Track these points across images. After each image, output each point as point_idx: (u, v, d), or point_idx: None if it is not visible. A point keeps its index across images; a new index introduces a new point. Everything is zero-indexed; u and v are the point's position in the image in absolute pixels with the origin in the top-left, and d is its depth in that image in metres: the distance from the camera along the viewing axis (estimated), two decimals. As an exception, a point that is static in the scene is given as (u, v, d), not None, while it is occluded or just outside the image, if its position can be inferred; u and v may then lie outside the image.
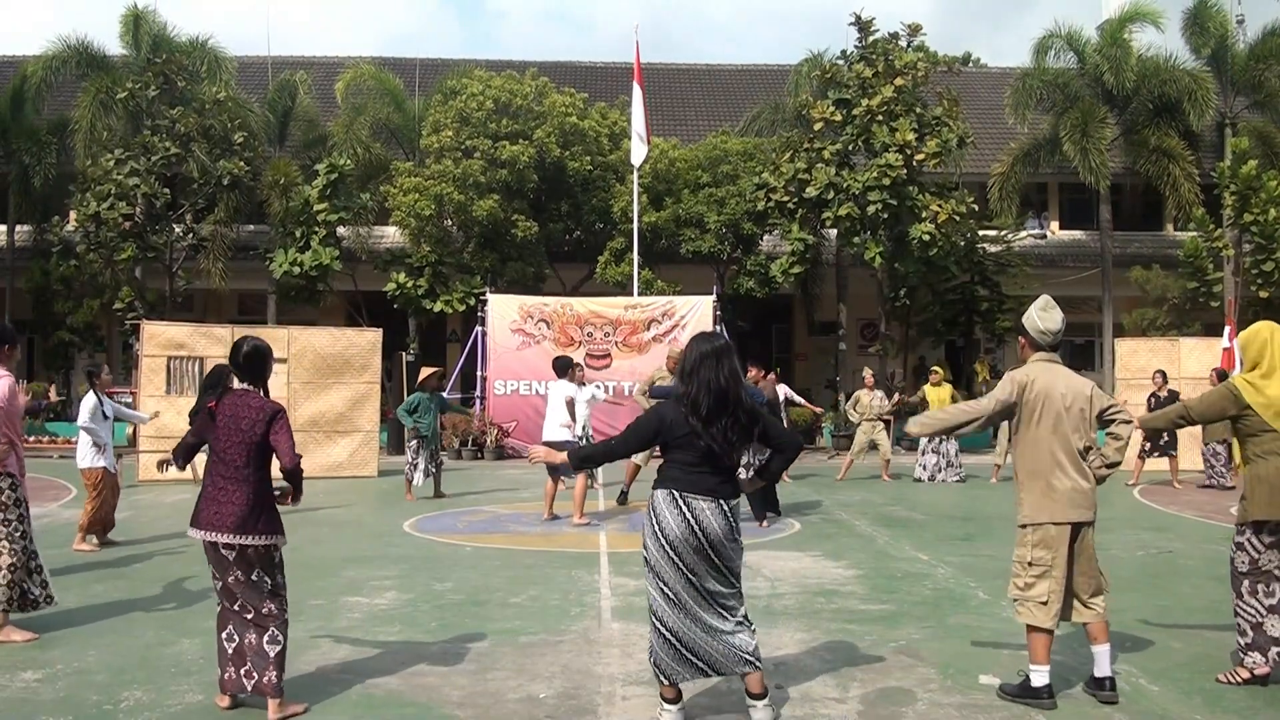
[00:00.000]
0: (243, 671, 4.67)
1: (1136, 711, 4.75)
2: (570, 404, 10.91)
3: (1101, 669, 4.88)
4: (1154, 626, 6.34)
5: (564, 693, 5.00)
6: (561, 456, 5.33)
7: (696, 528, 4.40)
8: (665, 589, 4.45)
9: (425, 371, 13.64)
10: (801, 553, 9.00)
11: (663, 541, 4.43)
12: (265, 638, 4.68)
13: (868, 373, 16.73)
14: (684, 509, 4.41)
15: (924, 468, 15.52)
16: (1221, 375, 14.88)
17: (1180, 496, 13.54)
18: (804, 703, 4.85)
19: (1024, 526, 4.89)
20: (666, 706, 4.52)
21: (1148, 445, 15.03)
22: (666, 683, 4.48)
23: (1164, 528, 10.85)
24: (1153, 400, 15.05)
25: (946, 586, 7.61)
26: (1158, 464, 15.25)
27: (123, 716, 4.65)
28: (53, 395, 10.09)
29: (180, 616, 6.56)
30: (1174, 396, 15.03)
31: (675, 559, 4.41)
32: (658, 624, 4.46)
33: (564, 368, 11.22)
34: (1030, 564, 4.85)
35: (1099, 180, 22.98)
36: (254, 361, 4.87)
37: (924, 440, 15.59)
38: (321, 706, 4.81)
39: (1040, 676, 4.79)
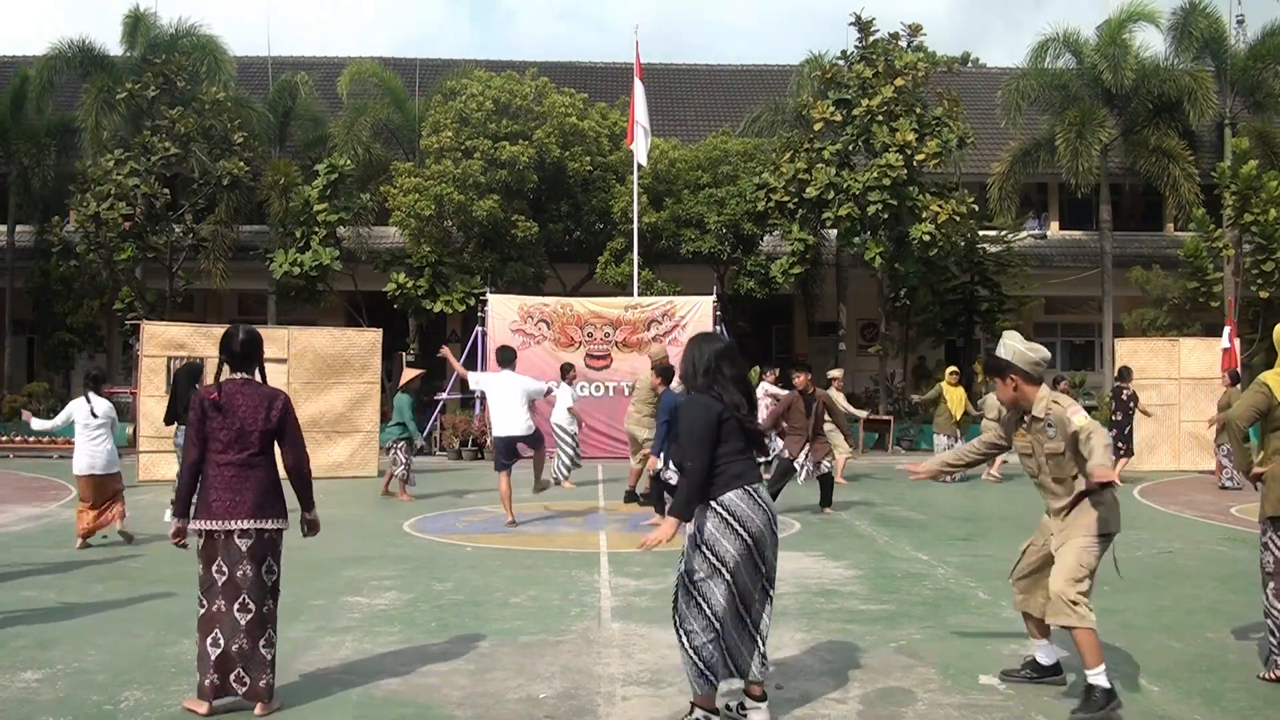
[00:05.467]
0: (232, 677, 4.62)
1: (1137, 711, 4.75)
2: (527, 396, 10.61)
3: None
4: (1154, 626, 6.35)
5: (564, 693, 5.00)
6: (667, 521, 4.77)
7: (771, 516, 4.47)
8: (737, 590, 4.37)
9: (409, 374, 13.65)
10: (801, 553, 8.99)
11: (749, 542, 4.38)
12: (262, 641, 4.65)
13: (837, 374, 16.51)
14: (760, 502, 4.44)
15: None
16: (1234, 377, 14.94)
17: (1180, 496, 13.54)
18: (804, 703, 4.85)
19: (1106, 535, 4.90)
20: (712, 715, 4.41)
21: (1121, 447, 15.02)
22: (716, 683, 4.37)
23: (1164, 528, 10.85)
24: (1113, 403, 15.13)
25: (946, 586, 7.61)
26: (1153, 465, 15.26)
27: (123, 716, 4.65)
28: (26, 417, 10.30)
29: (180, 616, 6.55)
30: (1134, 398, 15.03)
31: (759, 557, 4.43)
32: (716, 624, 4.32)
33: (508, 360, 10.74)
34: (1093, 571, 4.81)
35: (1082, 185, 23.02)
36: (249, 349, 4.89)
37: (944, 440, 15.70)
38: (321, 706, 4.81)
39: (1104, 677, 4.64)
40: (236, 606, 4.65)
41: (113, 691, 4.96)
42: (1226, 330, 17.51)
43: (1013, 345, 4.91)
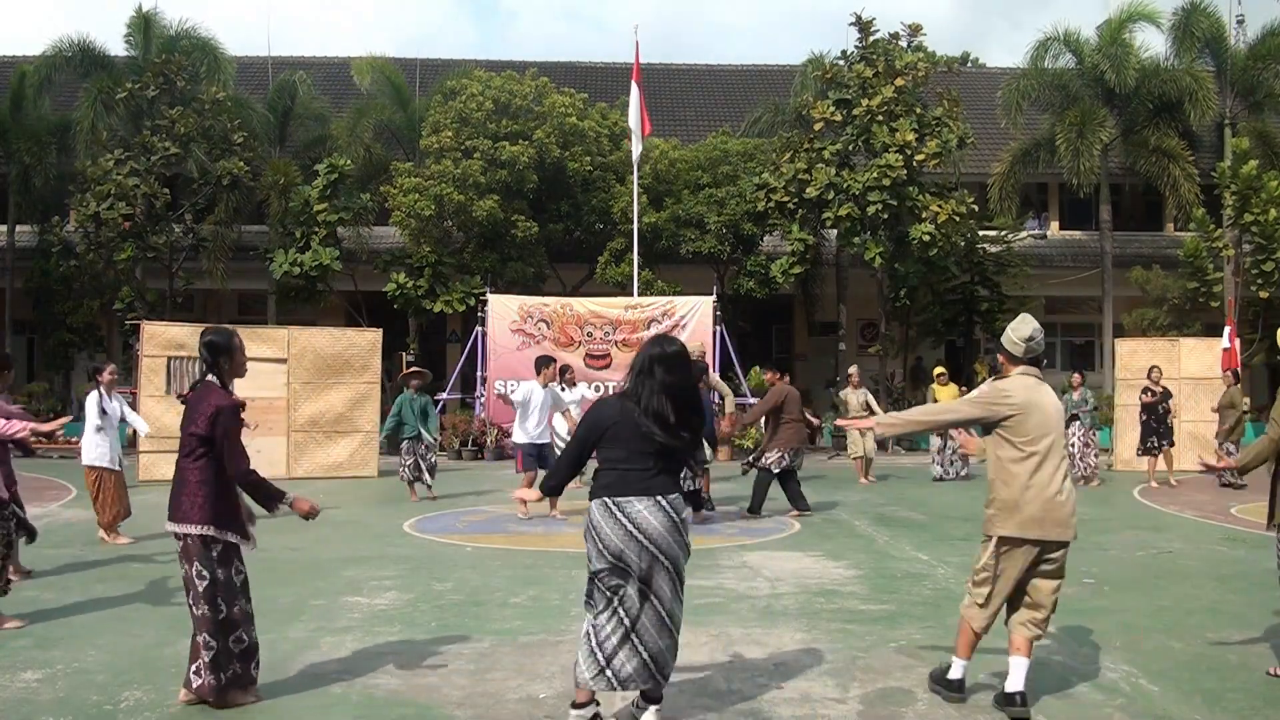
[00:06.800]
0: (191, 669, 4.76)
1: (1136, 711, 4.75)
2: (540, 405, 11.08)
3: (1013, 683, 4.65)
4: (1154, 626, 6.34)
5: (564, 693, 4.99)
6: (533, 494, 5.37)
7: (637, 532, 4.28)
8: (614, 600, 4.34)
9: (415, 373, 13.77)
10: (801, 553, 9.00)
11: (607, 556, 4.32)
12: (199, 638, 4.71)
13: (853, 371, 16.70)
14: (618, 516, 4.30)
15: (939, 465, 15.63)
16: (1235, 376, 14.95)
17: (1180, 496, 13.53)
18: (804, 703, 4.85)
19: (988, 537, 4.78)
20: (576, 712, 4.43)
21: (1151, 441, 14.96)
22: (584, 680, 4.38)
23: (1164, 528, 10.85)
24: (1145, 395, 15.02)
25: (946, 586, 7.61)
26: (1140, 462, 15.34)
27: (123, 716, 4.65)
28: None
29: (180, 616, 6.50)
30: (1167, 394, 15.00)
31: (624, 568, 4.31)
32: (593, 631, 4.38)
33: (537, 370, 11.38)
34: (981, 569, 4.78)
35: (1083, 185, 23.02)
36: (208, 351, 4.87)
37: (937, 439, 15.65)
38: (322, 706, 4.81)
39: (957, 669, 4.86)
40: (188, 602, 4.80)
41: (113, 691, 4.96)
42: (1226, 330, 17.51)
43: (1009, 324, 4.96)
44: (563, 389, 12.19)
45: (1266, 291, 21.46)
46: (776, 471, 11.31)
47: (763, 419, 11.96)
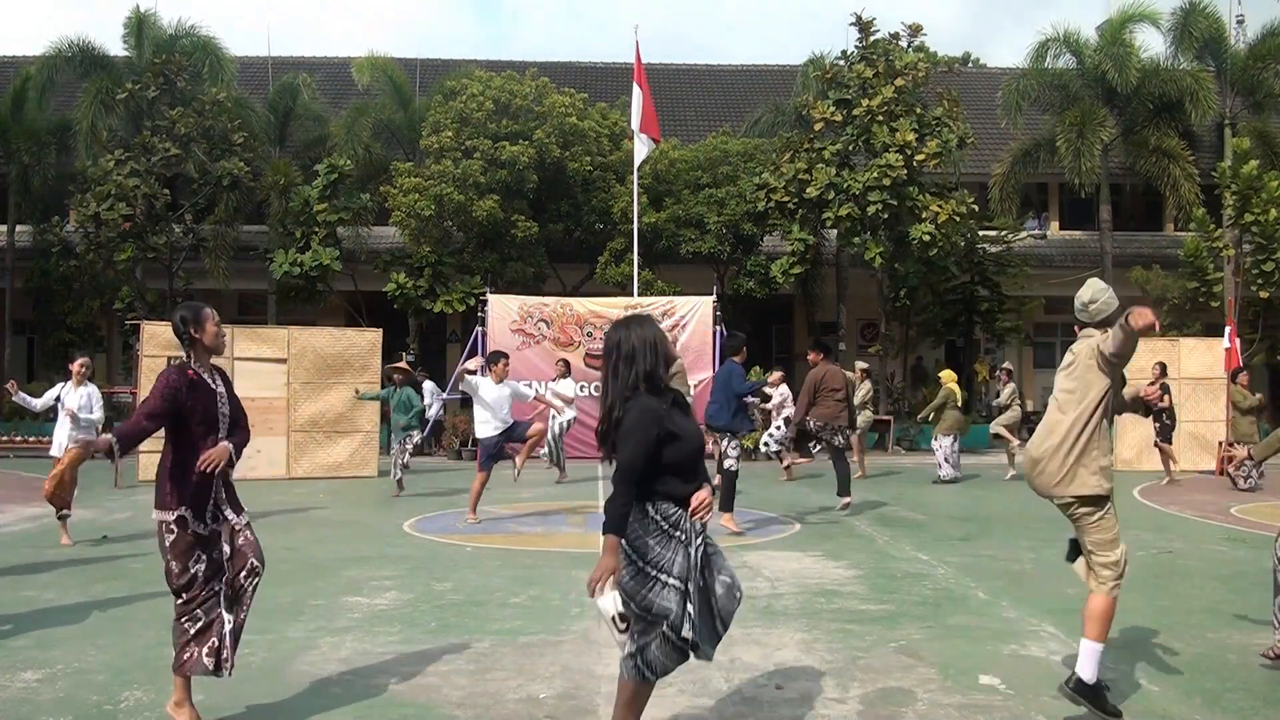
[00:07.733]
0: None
1: (1137, 712, 4.75)
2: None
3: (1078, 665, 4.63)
4: (1154, 626, 6.34)
5: (564, 693, 5.00)
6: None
7: None
8: None
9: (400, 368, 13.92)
10: (801, 553, 9.00)
11: None
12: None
13: (858, 368, 16.79)
14: None
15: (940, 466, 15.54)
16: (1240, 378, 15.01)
17: (1180, 496, 13.53)
18: (804, 703, 4.85)
19: None
20: None
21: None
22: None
23: (1164, 528, 10.85)
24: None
25: (946, 586, 7.61)
26: (1152, 465, 15.31)
27: (123, 716, 4.65)
28: (12, 389, 10.66)
29: (180, 616, 6.56)
30: (1165, 390, 15.01)
31: None
32: None
33: (491, 363, 11.14)
34: None
35: (1084, 185, 23.04)
36: (180, 326, 4.58)
37: (947, 440, 15.39)
38: (322, 707, 4.81)
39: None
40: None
41: (113, 691, 4.96)
42: (1227, 330, 17.52)
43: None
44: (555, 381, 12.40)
45: (1266, 291, 21.47)
46: (794, 426, 11.59)
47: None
